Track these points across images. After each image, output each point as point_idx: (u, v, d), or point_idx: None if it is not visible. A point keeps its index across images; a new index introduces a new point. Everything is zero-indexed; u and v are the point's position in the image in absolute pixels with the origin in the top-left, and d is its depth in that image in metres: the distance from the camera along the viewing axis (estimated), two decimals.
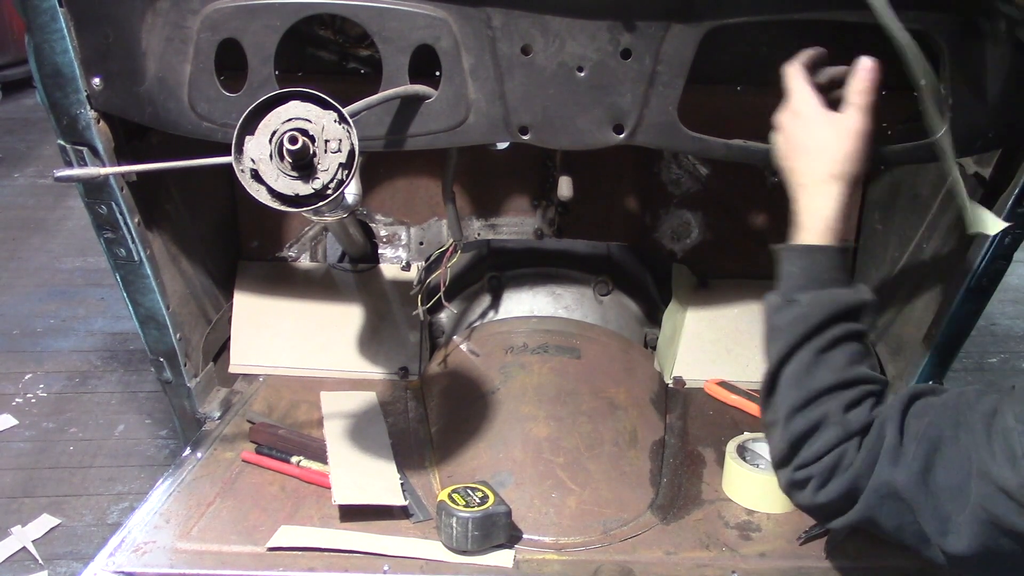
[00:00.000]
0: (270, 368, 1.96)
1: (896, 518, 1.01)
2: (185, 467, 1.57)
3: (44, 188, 4.99)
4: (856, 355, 1.11)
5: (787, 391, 1.11)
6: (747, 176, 2.00)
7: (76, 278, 3.86)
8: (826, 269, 1.15)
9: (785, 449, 1.10)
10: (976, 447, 0.93)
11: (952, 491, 0.96)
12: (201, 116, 1.35)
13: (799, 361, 1.10)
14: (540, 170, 2.00)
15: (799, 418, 1.08)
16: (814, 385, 1.09)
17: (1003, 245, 1.56)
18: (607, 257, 2.16)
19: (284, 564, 1.32)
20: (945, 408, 1.01)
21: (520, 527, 1.41)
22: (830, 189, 1.17)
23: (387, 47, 1.31)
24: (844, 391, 1.08)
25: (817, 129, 1.19)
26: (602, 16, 1.29)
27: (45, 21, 1.34)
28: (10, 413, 2.84)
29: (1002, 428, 0.91)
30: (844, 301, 1.12)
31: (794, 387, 1.10)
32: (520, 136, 1.39)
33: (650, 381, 1.89)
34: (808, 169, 1.19)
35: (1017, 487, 0.88)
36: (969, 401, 0.99)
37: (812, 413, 1.07)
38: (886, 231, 1.98)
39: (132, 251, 1.57)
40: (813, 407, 1.08)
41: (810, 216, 1.17)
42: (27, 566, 2.20)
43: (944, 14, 1.29)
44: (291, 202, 1.10)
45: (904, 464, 0.99)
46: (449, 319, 2.10)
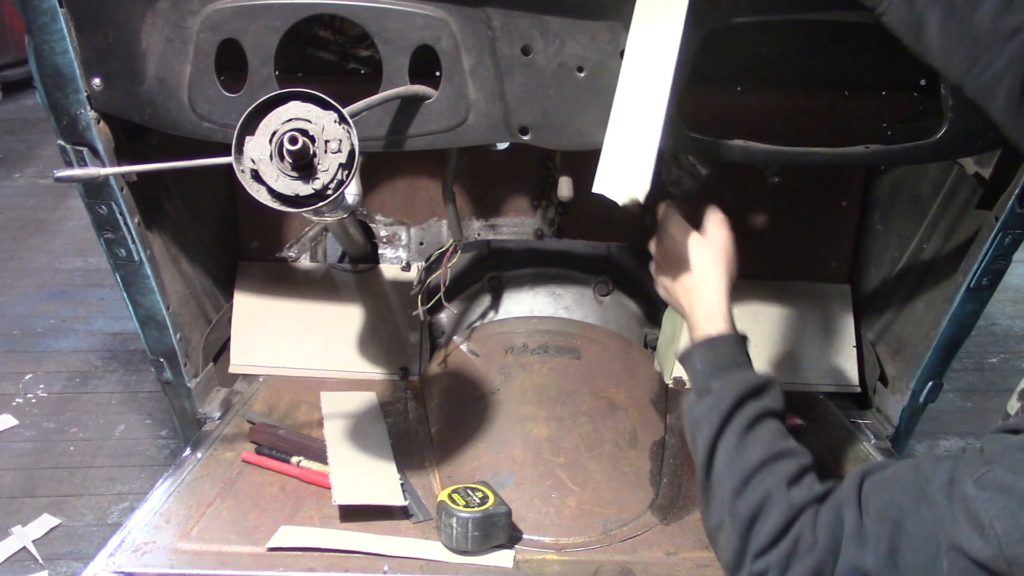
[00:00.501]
0: (270, 368, 1.96)
1: None
2: (185, 467, 1.58)
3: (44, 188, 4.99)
4: (779, 431, 1.11)
5: (723, 479, 1.08)
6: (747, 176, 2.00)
7: (76, 278, 3.86)
8: (728, 355, 1.19)
9: (737, 543, 1.03)
10: (941, 521, 0.90)
11: (922, 569, 0.91)
12: (201, 116, 1.35)
13: (726, 445, 1.10)
14: (540, 170, 2.00)
15: (741, 502, 1.05)
16: (747, 464, 1.07)
17: (1003, 245, 1.56)
18: (607, 257, 2.16)
19: (284, 564, 1.32)
20: (901, 484, 0.97)
21: (520, 527, 1.41)
22: (717, 287, 1.25)
23: (387, 47, 1.31)
24: (779, 464, 1.06)
25: (693, 245, 1.29)
26: (602, 16, 1.29)
27: (45, 21, 1.34)
28: (10, 413, 2.84)
29: (962, 497, 0.89)
30: (751, 380, 1.14)
31: (728, 473, 1.08)
32: (520, 136, 1.39)
33: (650, 381, 1.89)
34: (692, 277, 1.27)
35: (991, 558, 0.85)
36: (925, 473, 0.95)
37: (753, 494, 1.04)
38: (886, 231, 1.98)
39: (132, 251, 1.57)
40: (753, 486, 1.05)
41: (702, 313, 1.23)
42: (27, 566, 2.20)
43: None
44: (291, 202, 1.10)
45: (870, 547, 0.95)
46: (449, 319, 2.10)
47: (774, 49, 1.72)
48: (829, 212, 2.04)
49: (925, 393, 1.82)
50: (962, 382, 3.10)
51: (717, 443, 1.10)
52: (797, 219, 2.04)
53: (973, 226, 1.65)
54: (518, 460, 1.57)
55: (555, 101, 1.35)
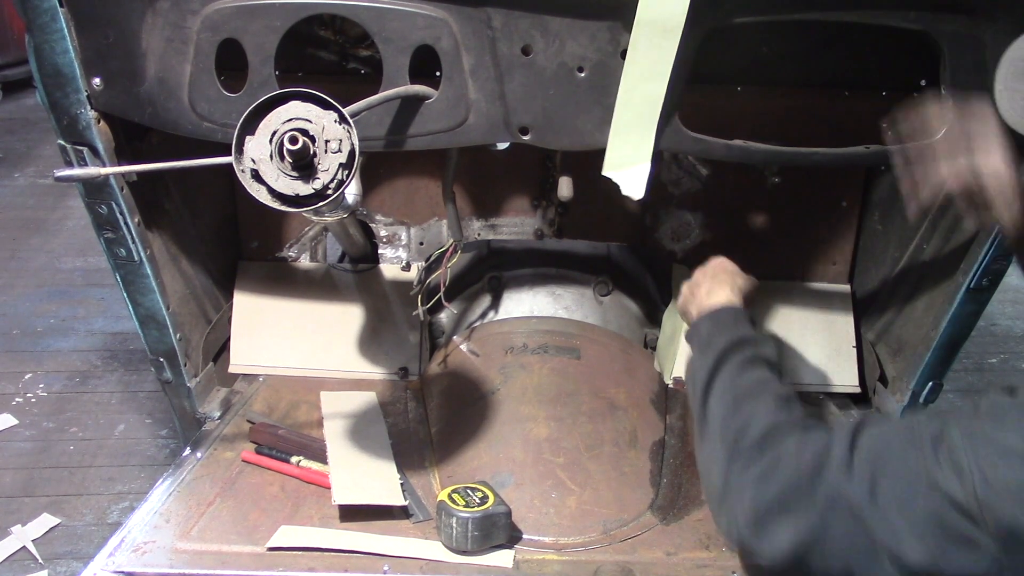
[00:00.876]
0: (270, 368, 1.96)
1: (847, 531, 0.99)
2: (185, 467, 1.57)
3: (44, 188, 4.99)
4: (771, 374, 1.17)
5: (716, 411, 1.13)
6: (747, 176, 2.00)
7: (76, 278, 3.86)
8: (729, 320, 1.29)
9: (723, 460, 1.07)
10: (924, 462, 0.94)
11: (899, 503, 0.96)
12: (201, 116, 1.35)
13: (720, 382, 1.16)
14: (540, 170, 2.00)
15: (730, 422, 1.09)
16: (738, 392, 1.13)
17: (1003, 246, 1.56)
18: (607, 257, 2.16)
19: (284, 564, 1.32)
20: (894, 430, 1.02)
21: (520, 527, 1.41)
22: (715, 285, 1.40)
23: (387, 47, 1.31)
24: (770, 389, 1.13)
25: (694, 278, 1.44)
26: (602, 16, 1.29)
27: (45, 21, 1.34)
28: (10, 413, 2.84)
29: (949, 444, 0.93)
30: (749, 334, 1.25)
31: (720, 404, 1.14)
32: (520, 136, 1.39)
33: (650, 381, 1.89)
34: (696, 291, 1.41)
35: (964, 499, 0.90)
36: (919, 424, 0.99)
37: (741, 415, 1.10)
38: (886, 231, 1.98)
39: (132, 251, 1.57)
40: (742, 409, 1.10)
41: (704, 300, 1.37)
42: (27, 566, 2.20)
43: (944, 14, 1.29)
44: (291, 202, 1.10)
45: (855, 479, 0.98)
46: (449, 319, 2.10)
47: (774, 49, 1.72)
48: (829, 212, 2.04)
49: (925, 393, 1.82)
50: (962, 382, 3.10)
51: (713, 383, 1.17)
52: (797, 219, 2.04)
53: (973, 226, 1.65)
54: (518, 460, 1.57)
55: (555, 101, 1.35)
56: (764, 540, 1.03)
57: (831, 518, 0.99)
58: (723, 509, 1.07)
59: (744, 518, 1.04)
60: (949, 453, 0.93)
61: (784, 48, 1.72)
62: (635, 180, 1.32)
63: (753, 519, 1.03)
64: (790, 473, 1.02)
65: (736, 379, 1.16)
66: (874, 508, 0.96)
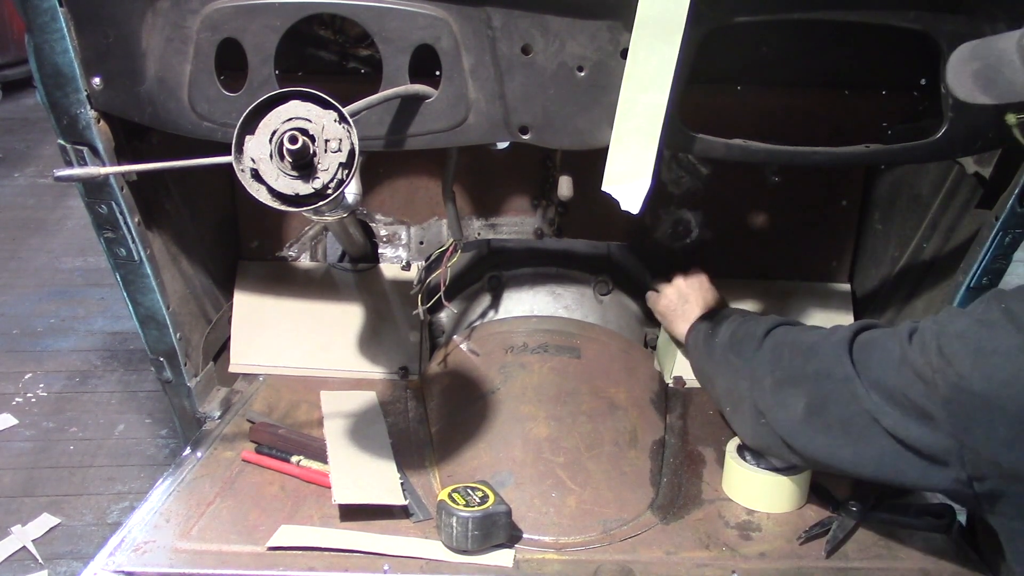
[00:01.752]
0: (270, 368, 1.96)
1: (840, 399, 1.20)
2: (185, 467, 1.58)
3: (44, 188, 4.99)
4: None
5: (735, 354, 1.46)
6: (747, 176, 2.00)
7: (76, 278, 3.87)
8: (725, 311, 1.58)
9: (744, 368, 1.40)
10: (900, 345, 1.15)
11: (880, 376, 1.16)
12: (201, 116, 1.35)
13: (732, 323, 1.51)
14: (540, 170, 2.00)
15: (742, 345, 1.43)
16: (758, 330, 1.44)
17: (1003, 245, 1.56)
18: (607, 257, 2.16)
19: (284, 564, 1.32)
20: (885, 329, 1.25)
21: (520, 527, 1.41)
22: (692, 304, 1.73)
23: (387, 47, 1.31)
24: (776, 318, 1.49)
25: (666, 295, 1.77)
26: (602, 16, 1.29)
27: (45, 21, 1.34)
28: (10, 413, 2.84)
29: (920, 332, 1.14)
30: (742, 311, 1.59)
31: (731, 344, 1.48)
32: (520, 136, 1.39)
33: (650, 381, 1.89)
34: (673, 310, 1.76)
35: (922, 367, 1.09)
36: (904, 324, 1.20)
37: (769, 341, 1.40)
38: (886, 231, 1.98)
39: (132, 251, 1.57)
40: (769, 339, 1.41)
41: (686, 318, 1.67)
42: (27, 566, 2.21)
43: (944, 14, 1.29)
44: (291, 202, 1.10)
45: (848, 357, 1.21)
46: (449, 319, 2.10)
47: (774, 49, 1.72)
48: (829, 212, 2.04)
49: None
50: None
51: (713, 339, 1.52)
52: (797, 219, 2.04)
53: (973, 226, 1.65)
54: (518, 460, 1.57)
55: (555, 101, 1.35)
56: (780, 411, 1.28)
57: (828, 387, 1.21)
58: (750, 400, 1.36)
59: (761, 393, 1.31)
60: (919, 336, 1.13)
61: (784, 48, 1.72)
62: (634, 195, 1.33)
63: (771, 390, 1.30)
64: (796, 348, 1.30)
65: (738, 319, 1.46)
66: (859, 380, 1.17)
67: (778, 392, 1.30)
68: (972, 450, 1.04)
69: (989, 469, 1.05)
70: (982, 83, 1.16)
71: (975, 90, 1.17)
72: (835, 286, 2.08)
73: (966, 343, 1.06)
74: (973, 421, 1.03)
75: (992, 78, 1.14)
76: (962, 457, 1.06)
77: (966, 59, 1.19)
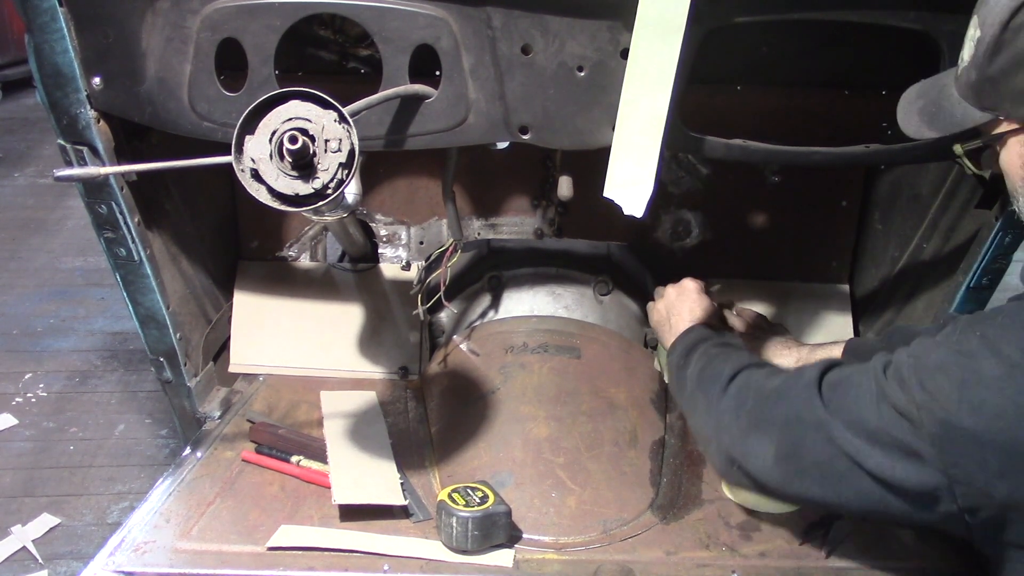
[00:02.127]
0: (270, 368, 1.96)
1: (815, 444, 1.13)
2: (185, 467, 1.57)
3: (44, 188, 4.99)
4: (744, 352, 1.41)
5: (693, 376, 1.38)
6: (747, 176, 2.00)
7: (76, 278, 3.86)
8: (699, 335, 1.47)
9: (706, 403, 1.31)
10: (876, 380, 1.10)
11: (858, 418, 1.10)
12: (201, 116, 1.35)
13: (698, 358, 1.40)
14: (540, 170, 2.00)
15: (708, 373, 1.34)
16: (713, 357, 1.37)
17: (1003, 244, 1.56)
18: (607, 257, 2.16)
19: (284, 564, 1.32)
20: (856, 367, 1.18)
21: (520, 527, 1.41)
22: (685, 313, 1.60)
23: (387, 47, 1.31)
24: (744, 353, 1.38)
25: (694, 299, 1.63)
26: (602, 16, 1.29)
27: (45, 21, 1.34)
28: (10, 413, 2.84)
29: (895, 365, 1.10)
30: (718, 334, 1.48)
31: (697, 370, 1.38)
32: (520, 136, 1.39)
33: (650, 381, 1.89)
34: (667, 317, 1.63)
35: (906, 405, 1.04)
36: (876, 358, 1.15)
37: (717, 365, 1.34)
38: (886, 231, 1.98)
39: (132, 251, 1.57)
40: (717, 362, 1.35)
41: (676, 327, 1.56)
42: (27, 566, 2.20)
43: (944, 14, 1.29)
44: (291, 202, 1.10)
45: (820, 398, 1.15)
46: (449, 319, 2.10)
47: (774, 49, 1.72)
48: (829, 212, 2.04)
49: None
50: None
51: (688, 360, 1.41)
52: (797, 219, 2.04)
53: (973, 226, 1.65)
54: (518, 460, 1.57)
55: (555, 101, 1.35)
56: (750, 458, 1.21)
57: (800, 432, 1.15)
58: (717, 445, 1.27)
59: (730, 439, 1.24)
60: (895, 371, 1.09)
61: (784, 48, 1.72)
62: (637, 200, 1.32)
63: (739, 438, 1.23)
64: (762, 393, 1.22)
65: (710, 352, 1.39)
66: (835, 423, 1.11)
67: (746, 439, 1.22)
68: (963, 484, 1.01)
69: (982, 501, 1.02)
70: (927, 119, 1.19)
71: (921, 126, 1.20)
72: (834, 287, 2.08)
73: (949, 376, 1.02)
74: (963, 456, 1.00)
75: (935, 113, 1.17)
76: (953, 492, 1.02)
77: (912, 99, 1.24)
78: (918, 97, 1.22)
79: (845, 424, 1.10)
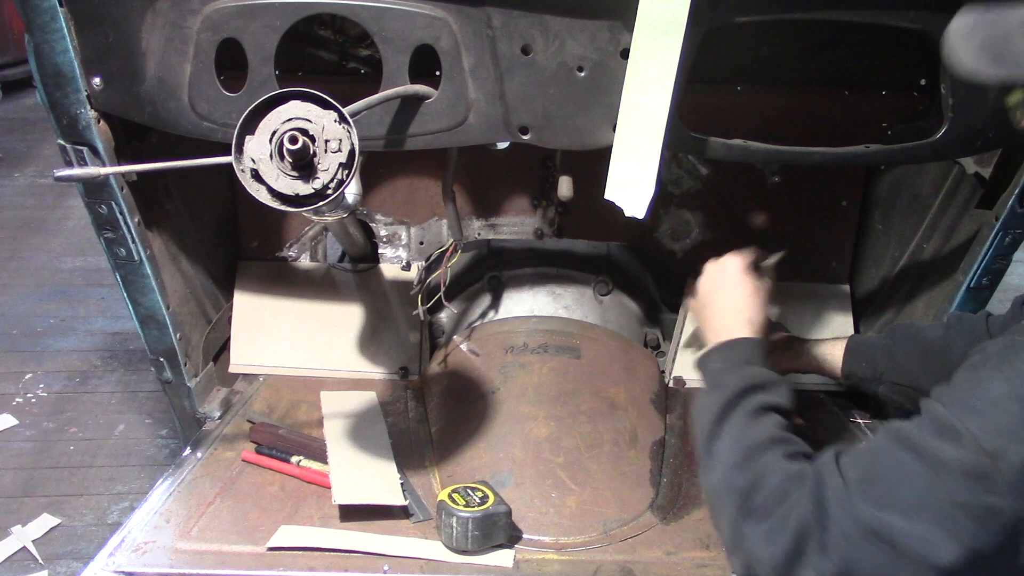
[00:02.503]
0: (270, 368, 1.96)
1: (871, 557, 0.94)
2: (185, 467, 1.57)
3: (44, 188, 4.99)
4: (782, 423, 1.14)
5: (724, 455, 1.11)
6: (747, 176, 2.00)
7: (76, 278, 3.86)
8: (742, 355, 1.27)
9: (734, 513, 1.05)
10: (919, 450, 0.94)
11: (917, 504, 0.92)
12: (201, 116, 1.35)
13: (731, 427, 1.14)
14: (540, 170, 2.00)
15: (740, 475, 1.07)
16: (750, 442, 1.10)
17: (1003, 245, 1.56)
18: (607, 257, 2.16)
19: (284, 564, 1.32)
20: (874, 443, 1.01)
21: (520, 527, 1.41)
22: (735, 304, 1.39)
23: (387, 47, 1.31)
24: (780, 446, 1.09)
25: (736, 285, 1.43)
26: (602, 16, 1.29)
27: (45, 21, 1.34)
28: (10, 413, 2.84)
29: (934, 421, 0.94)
30: (762, 375, 1.21)
31: (730, 450, 1.11)
32: (520, 136, 1.39)
33: (650, 381, 1.89)
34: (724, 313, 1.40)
35: (974, 459, 0.89)
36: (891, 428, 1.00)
37: (753, 466, 1.07)
38: (886, 231, 1.98)
39: (132, 251, 1.57)
40: (753, 460, 1.08)
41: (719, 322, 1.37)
42: (27, 566, 2.20)
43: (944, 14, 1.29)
44: (291, 202, 1.10)
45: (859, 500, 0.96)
46: (449, 319, 2.10)
47: (774, 49, 1.72)
48: (829, 212, 2.04)
49: None
50: None
51: (725, 418, 1.14)
52: (797, 219, 2.04)
53: (973, 226, 1.65)
54: (518, 460, 1.57)
55: (555, 101, 1.35)
56: None
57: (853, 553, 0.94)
58: (737, 554, 1.06)
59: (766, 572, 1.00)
60: (939, 427, 0.93)
61: (784, 48, 1.72)
62: (638, 200, 1.31)
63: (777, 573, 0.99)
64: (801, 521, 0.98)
65: (746, 429, 1.13)
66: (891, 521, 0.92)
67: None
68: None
69: None
70: (988, 57, 1.04)
71: (980, 63, 1.05)
72: (835, 287, 2.08)
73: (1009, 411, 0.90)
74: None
75: (1001, 52, 1.03)
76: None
77: (966, 31, 1.08)
78: (974, 30, 1.07)
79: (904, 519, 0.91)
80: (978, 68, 1.03)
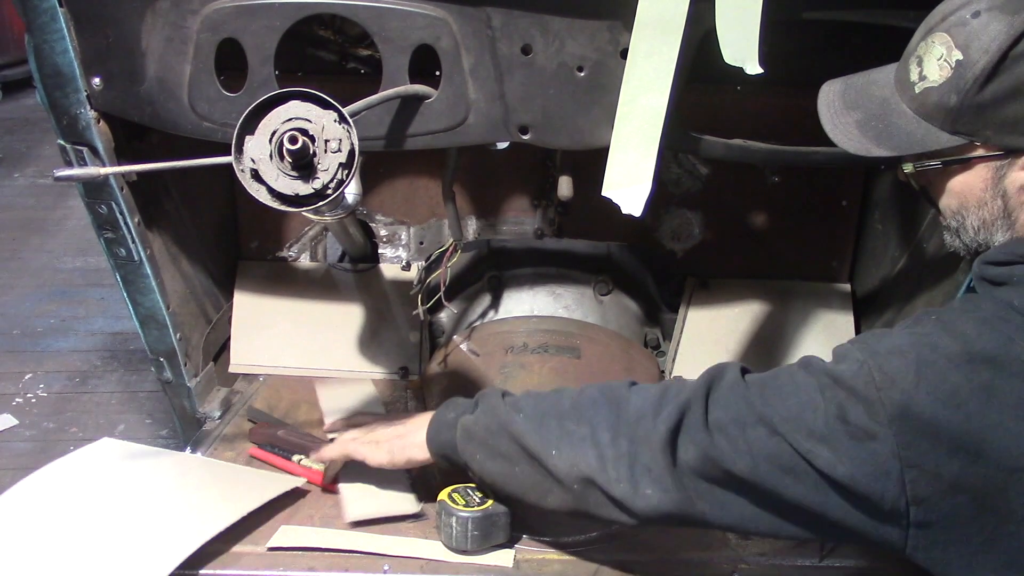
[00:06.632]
0: (270, 368, 1.96)
1: (764, 442, 1.04)
2: None
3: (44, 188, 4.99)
4: None
5: (555, 436, 1.19)
6: (747, 176, 2.00)
7: (76, 278, 3.86)
8: (460, 402, 1.36)
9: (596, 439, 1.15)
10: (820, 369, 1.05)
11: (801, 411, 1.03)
12: (201, 116, 1.35)
13: (525, 421, 1.23)
14: (540, 170, 2.00)
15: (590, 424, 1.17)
16: (567, 407, 1.22)
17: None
18: (607, 257, 2.16)
19: (284, 564, 1.32)
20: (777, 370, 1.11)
21: (520, 527, 1.41)
22: None
23: (387, 47, 1.31)
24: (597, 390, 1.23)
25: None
26: (602, 16, 1.29)
27: (45, 21, 1.34)
28: (10, 413, 2.84)
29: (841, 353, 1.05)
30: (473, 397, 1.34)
31: (559, 429, 1.19)
32: (520, 136, 1.39)
33: (650, 381, 1.88)
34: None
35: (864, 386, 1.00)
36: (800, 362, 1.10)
37: (597, 411, 1.18)
38: (886, 231, 1.98)
39: (132, 251, 1.57)
40: (584, 411, 1.19)
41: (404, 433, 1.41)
42: None
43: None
44: (291, 202, 1.10)
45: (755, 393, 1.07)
46: (449, 319, 2.10)
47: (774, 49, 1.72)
48: (829, 212, 2.04)
49: None
50: None
51: (514, 429, 1.23)
52: (797, 219, 2.04)
53: None
54: None
55: (555, 101, 1.35)
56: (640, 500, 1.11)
57: (736, 432, 1.04)
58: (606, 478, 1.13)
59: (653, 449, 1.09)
60: (840, 356, 1.04)
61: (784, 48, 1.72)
62: (635, 198, 1.32)
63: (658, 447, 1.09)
64: (690, 397, 1.09)
65: (541, 408, 1.24)
66: (778, 414, 1.03)
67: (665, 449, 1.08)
68: (915, 468, 0.98)
69: (931, 488, 0.98)
70: (872, 136, 1.11)
71: (867, 143, 1.11)
72: (835, 286, 2.08)
73: (905, 358, 0.99)
74: (918, 436, 0.97)
75: (883, 130, 1.10)
76: (903, 478, 0.98)
77: (840, 110, 1.16)
78: (850, 108, 1.15)
79: (785, 419, 1.02)
80: (866, 148, 1.12)
